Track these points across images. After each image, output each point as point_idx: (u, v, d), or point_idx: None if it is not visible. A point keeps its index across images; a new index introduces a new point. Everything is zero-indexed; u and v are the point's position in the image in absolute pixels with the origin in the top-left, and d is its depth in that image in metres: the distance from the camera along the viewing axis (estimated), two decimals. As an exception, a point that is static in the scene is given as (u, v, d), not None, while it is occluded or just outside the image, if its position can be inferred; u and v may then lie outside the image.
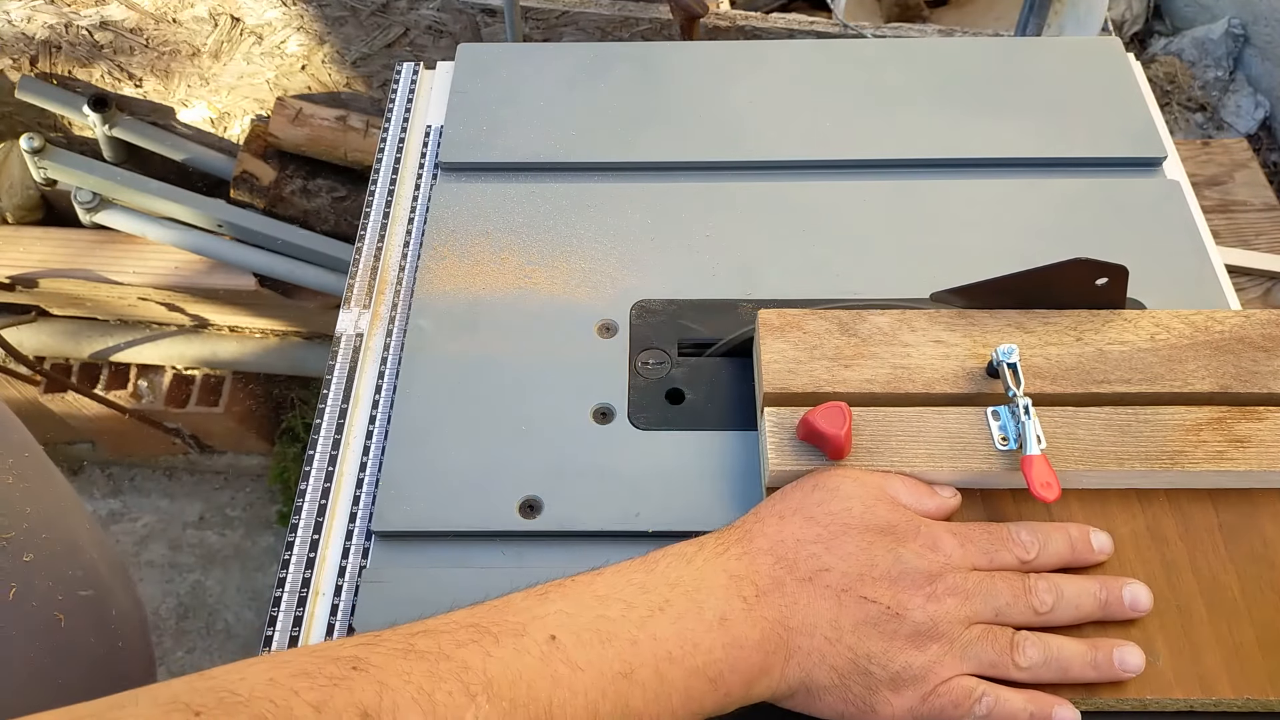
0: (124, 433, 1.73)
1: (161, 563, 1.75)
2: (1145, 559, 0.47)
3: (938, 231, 0.63)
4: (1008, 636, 0.43)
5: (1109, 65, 0.72)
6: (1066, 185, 0.65)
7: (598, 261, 0.62)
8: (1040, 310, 0.53)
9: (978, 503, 0.49)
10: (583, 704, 0.38)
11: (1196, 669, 0.44)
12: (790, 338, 0.52)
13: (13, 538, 0.49)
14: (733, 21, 1.22)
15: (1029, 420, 0.47)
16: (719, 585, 0.42)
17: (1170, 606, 0.45)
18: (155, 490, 1.84)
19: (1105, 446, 0.48)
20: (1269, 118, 1.80)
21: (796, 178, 0.67)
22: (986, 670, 0.42)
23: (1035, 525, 0.47)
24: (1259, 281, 1.02)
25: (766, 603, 0.42)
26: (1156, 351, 0.51)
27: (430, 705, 0.35)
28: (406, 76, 0.77)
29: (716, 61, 0.74)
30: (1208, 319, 0.52)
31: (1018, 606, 0.43)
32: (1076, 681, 0.43)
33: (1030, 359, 0.51)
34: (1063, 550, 0.46)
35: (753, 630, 0.41)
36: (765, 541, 0.44)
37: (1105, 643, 0.43)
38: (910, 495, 0.46)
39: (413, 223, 0.67)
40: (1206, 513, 0.48)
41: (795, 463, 0.48)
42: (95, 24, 1.39)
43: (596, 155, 0.68)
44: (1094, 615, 0.44)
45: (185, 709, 0.32)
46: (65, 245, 1.52)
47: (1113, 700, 0.43)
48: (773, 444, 0.49)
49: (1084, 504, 0.49)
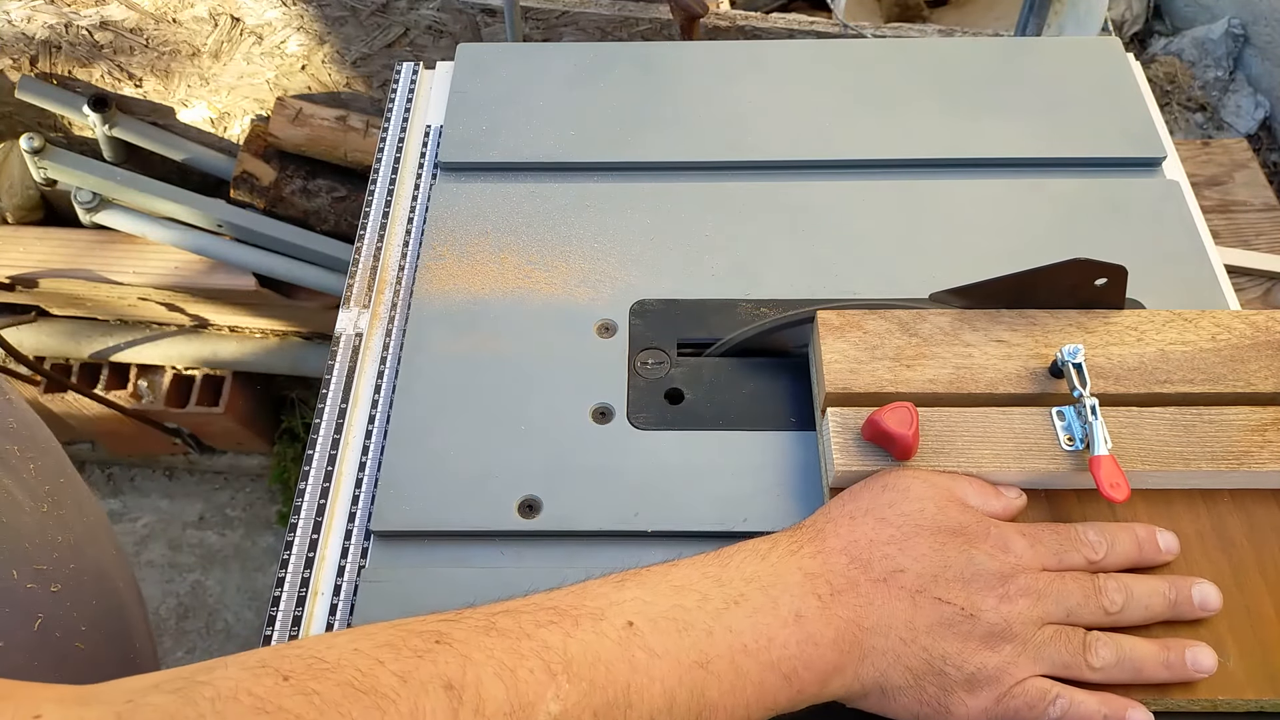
0: (124, 433, 1.73)
1: (161, 563, 1.75)
2: (1212, 559, 0.47)
3: (937, 231, 0.63)
4: (1080, 637, 0.43)
5: (1109, 65, 0.72)
6: (1066, 185, 0.65)
7: (597, 261, 0.62)
8: (1099, 310, 0.53)
9: (1042, 503, 0.49)
10: (660, 690, 0.38)
11: (1267, 669, 0.44)
12: (850, 338, 0.52)
13: (44, 569, 0.49)
14: (733, 21, 1.22)
15: (1096, 420, 0.47)
16: (794, 582, 0.42)
17: (1239, 607, 0.45)
18: (155, 490, 1.84)
19: (1171, 447, 0.48)
20: (1269, 118, 1.80)
21: (796, 178, 0.67)
22: (1059, 671, 0.43)
23: (1103, 525, 0.47)
24: (1259, 282, 1.02)
25: (841, 602, 0.42)
26: (1218, 352, 0.51)
27: (513, 681, 0.36)
28: (406, 76, 0.77)
29: (716, 61, 0.74)
30: (1269, 319, 0.52)
31: (1089, 607, 0.44)
32: (1149, 682, 0.43)
33: (1093, 359, 0.51)
34: (1130, 550, 0.46)
35: (827, 628, 0.42)
36: (839, 541, 0.44)
37: (1177, 643, 0.43)
38: (978, 496, 0.47)
39: (412, 222, 0.68)
40: (1272, 513, 0.48)
41: (861, 463, 0.48)
42: (95, 24, 1.38)
43: (596, 155, 0.68)
44: (1164, 615, 0.44)
45: (274, 673, 0.33)
46: (65, 245, 1.52)
47: (1184, 701, 0.43)
48: (837, 444, 0.48)
49: (1149, 504, 0.49)
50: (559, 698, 0.36)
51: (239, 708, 0.31)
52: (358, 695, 0.33)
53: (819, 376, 0.52)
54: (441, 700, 0.34)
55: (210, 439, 1.79)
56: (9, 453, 0.52)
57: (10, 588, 0.46)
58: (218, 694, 0.31)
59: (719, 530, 0.51)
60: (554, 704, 0.36)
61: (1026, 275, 0.52)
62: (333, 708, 0.32)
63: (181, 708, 0.31)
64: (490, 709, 0.34)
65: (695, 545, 0.48)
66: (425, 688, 0.34)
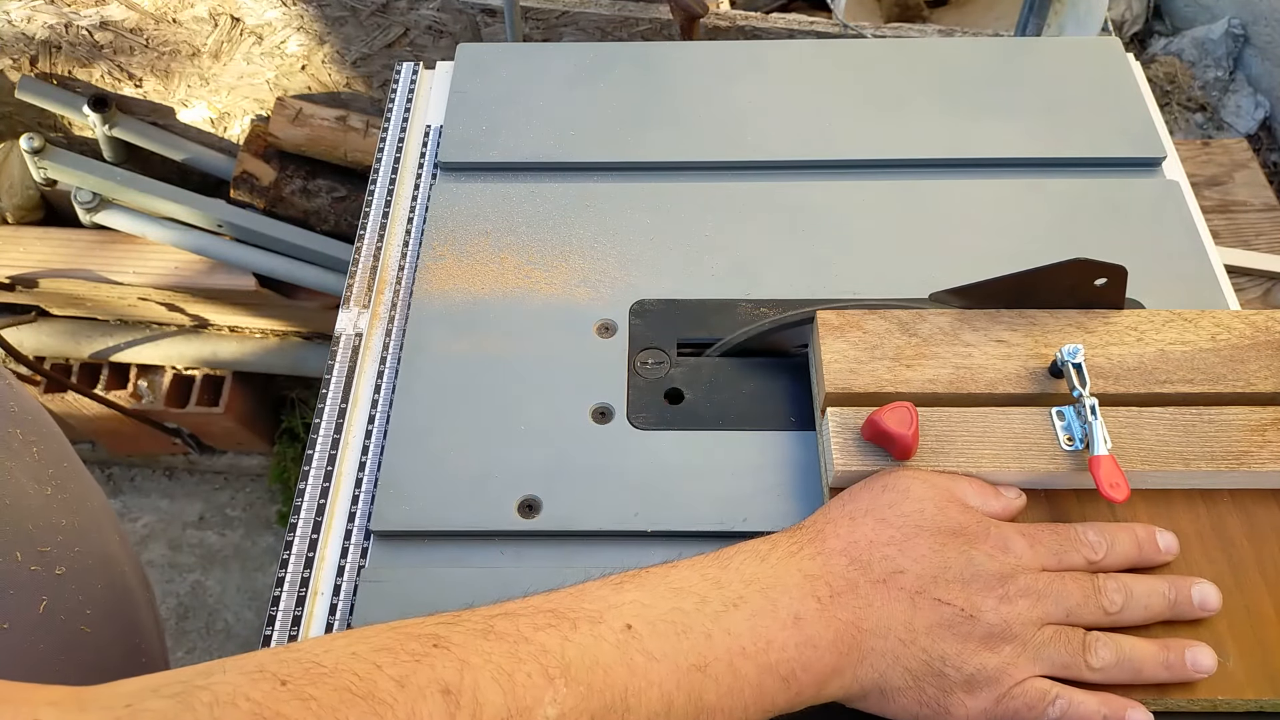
0: (124, 433, 1.73)
1: (161, 563, 1.75)
2: (1211, 559, 0.47)
3: (937, 231, 0.63)
4: (1079, 637, 0.43)
5: (1109, 65, 0.72)
6: (1066, 185, 0.65)
7: (597, 261, 0.62)
8: (1099, 310, 0.53)
9: (1042, 503, 0.49)
10: (658, 694, 0.38)
11: (1266, 669, 0.44)
12: (850, 337, 0.52)
13: (48, 551, 0.49)
14: (733, 21, 1.22)
15: (1096, 420, 0.47)
16: (793, 584, 0.42)
17: (1238, 607, 0.45)
18: (155, 490, 1.84)
19: (1171, 447, 0.48)
20: (1269, 118, 1.80)
21: (796, 178, 0.67)
22: (1059, 671, 0.43)
23: (1102, 526, 0.47)
24: (1259, 282, 1.02)
25: (840, 604, 0.42)
26: (1218, 352, 0.51)
27: (510, 685, 0.35)
28: (406, 76, 0.77)
29: (716, 61, 0.74)
30: (1269, 319, 0.52)
31: (1088, 607, 0.44)
32: (1149, 682, 0.43)
33: (1092, 359, 0.51)
34: (1130, 550, 0.46)
35: (826, 631, 0.42)
36: (839, 542, 0.44)
37: (1177, 643, 0.43)
38: (977, 496, 0.47)
39: (412, 222, 0.68)
40: (1272, 513, 0.48)
41: (861, 463, 0.48)
42: (95, 24, 1.39)
43: (596, 155, 0.68)
44: (1163, 615, 0.44)
45: (272, 678, 0.33)
46: (65, 245, 1.52)
47: (1184, 701, 0.43)
48: (837, 444, 0.49)
49: (1149, 504, 0.49)
50: (556, 702, 0.36)
51: (237, 713, 0.31)
52: (355, 700, 0.33)
53: (818, 376, 0.52)
54: (439, 705, 0.34)
55: (210, 439, 1.79)
56: (12, 436, 0.52)
57: (14, 570, 0.46)
58: (216, 699, 0.31)
59: (719, 530, 0.51)
60: (551, 708, 0.36)
61: (1026, 275, 0.52)
62: (329, 713, 0.32)
63: (180, 713, 0.31)
64: (487, 714, 0.34)
65: (696, 545, 0.48)
66: (423, 693, 0.34)
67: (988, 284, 0.53)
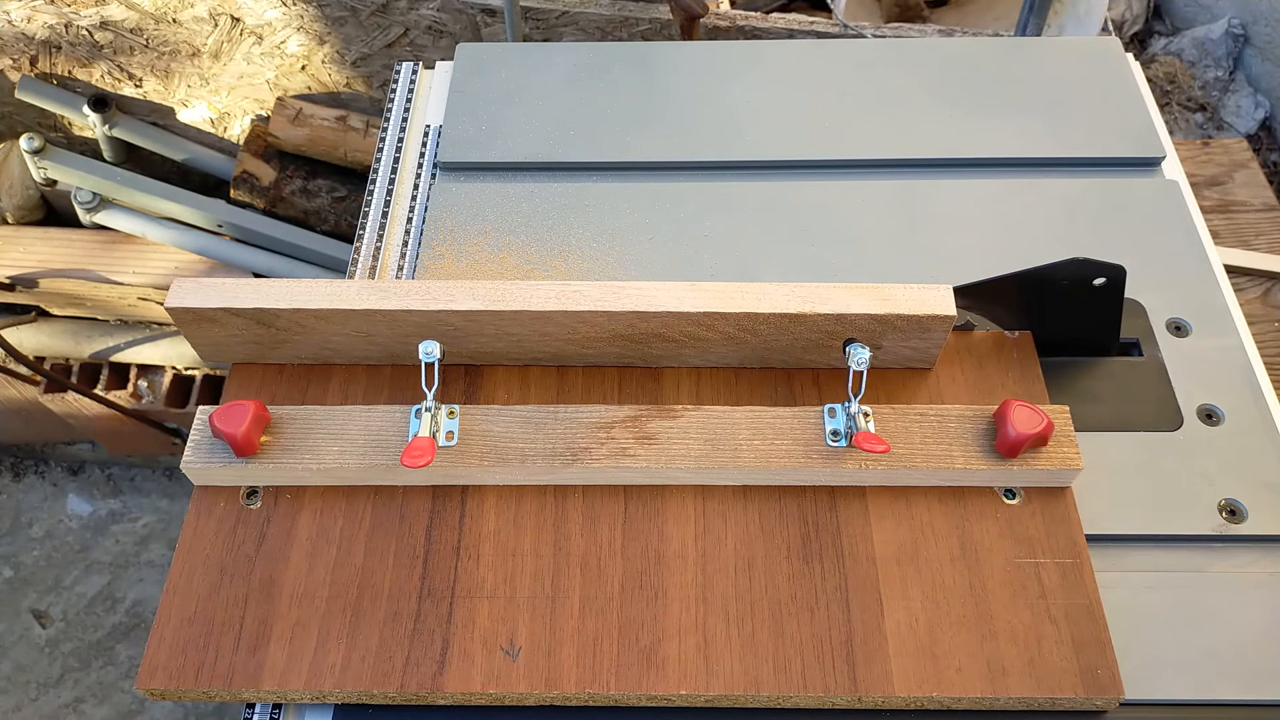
0: (124, 433, 1.72)
1: (161, 563, 1.75)
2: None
3: (937, 231, 0.63)
4: None
5: (1109, 65, 0.72)
6: (1066, 185, 0.65)
7: (596, 261, 0.62)
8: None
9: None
10: None
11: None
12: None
13: None
14: (733, 21, 1.22)
15: (445, 416, 0.52)
16: None
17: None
18: (155, 490, 1.84)
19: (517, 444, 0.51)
20: (1269, 118, 1.80)
21: (795, 177, 0.67)
22: None
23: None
24: (1258, 281, 1.02)
25: None
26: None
27: None
28: (406, 76, 0.77)
29: (716, 61, 0.74)
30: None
31: None
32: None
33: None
34: None
35: None
36: None
37: None
38: None
39: (411, 222, 0.68)
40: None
41: (207, 462, 0.52)
42: (95, 24, 1.39)
43: (595, 155, 0.68)
44: None
45: None
46: (65, 245, 1.52)
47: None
48: (193, 443, 0.52)
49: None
50: None
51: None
52: None
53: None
54: None
55: (210, 439, 1.79)
56: None
57: None
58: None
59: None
60: None
61: (1026, 275, 0.52)
62: None
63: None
64: None
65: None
66: None
67: (987, 283, 0.53)
